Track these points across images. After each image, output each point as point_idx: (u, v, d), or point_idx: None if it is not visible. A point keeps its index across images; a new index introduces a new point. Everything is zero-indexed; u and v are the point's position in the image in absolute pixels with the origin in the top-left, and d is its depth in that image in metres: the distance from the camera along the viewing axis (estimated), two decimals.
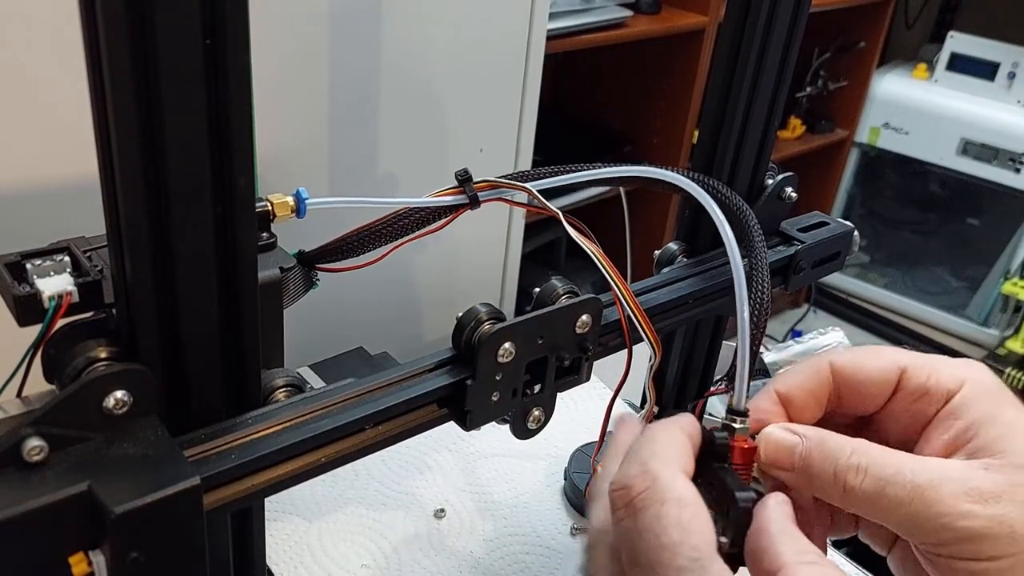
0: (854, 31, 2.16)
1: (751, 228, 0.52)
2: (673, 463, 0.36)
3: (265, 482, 0.40)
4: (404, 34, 0.80)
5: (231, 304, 0.39)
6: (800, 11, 0.59)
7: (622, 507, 0.35)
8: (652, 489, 0.35)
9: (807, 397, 0.42)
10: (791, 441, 0.39)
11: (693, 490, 0.35)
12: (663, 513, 0.34)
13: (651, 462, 0.36)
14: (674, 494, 0.34)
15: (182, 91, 0.33)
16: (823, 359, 0.43)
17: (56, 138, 0.64)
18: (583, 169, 0.53)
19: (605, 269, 0.48)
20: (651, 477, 0.35)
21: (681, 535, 0.33)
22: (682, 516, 0.34)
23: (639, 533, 0.34)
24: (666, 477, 0.35)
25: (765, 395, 0.43)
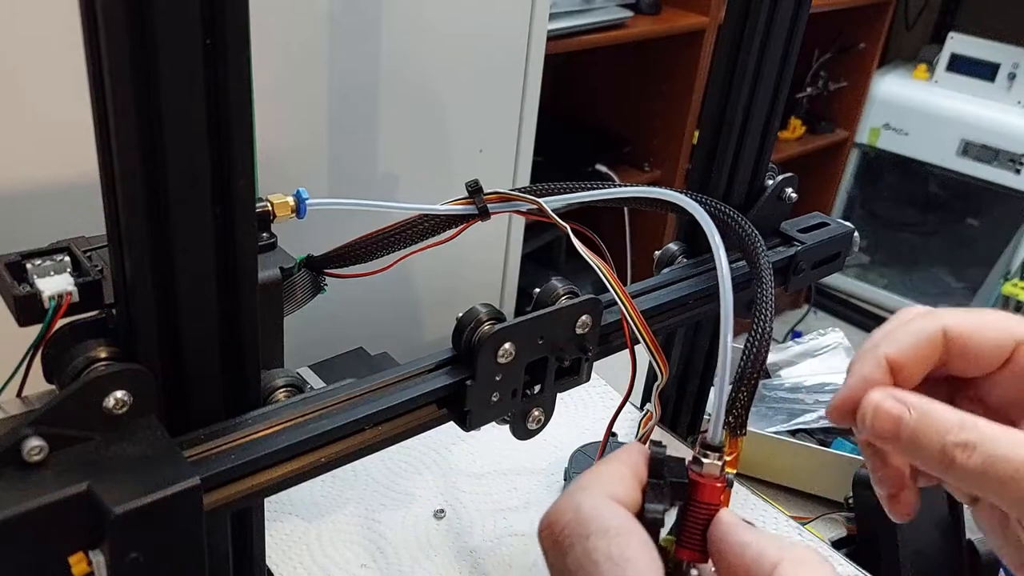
0: (854, 32, 2.16)
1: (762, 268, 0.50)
2: (598, 492, 0.33)
3: (265, 482, 0.40)
4: (404, 34, 0.80)
5: (231, 304, 0.39)
6: (800, 12, 0.59)
7: (550, 547, 0.33)
8: (575, 522, 0.32)
9: (916, 364, 0.39)
10: (897, 411, 0.36)
11: (621, 516, 0.32)
12: (590, 548, 0.31)
13: (576, 493, 0.33)
14: (599, 524, 0.32)
15: (182, 91, 0.33)
16: (936, 322, 0.39)
17: (56, 138, 0.64)
18: (591, 188, 0.53)
19: (614, 290, 0.47)
20: (573, 508, 0.32)
21: (614, 569, 0.30)
22: (611, 549, 0.31)
23: (571, 574, 0.32)
24: (589, 507, 0.32)
25: (872, 360, 0.39)
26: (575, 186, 0.53)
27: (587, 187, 0.53)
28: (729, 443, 0.39)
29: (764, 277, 0.49)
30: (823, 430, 0.86)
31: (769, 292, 0.48)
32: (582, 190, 0.53)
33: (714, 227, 0.40)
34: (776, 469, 0.83)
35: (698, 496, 0.35)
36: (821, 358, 0.97)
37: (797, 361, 0.96)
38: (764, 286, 0.48)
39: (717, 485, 0.35)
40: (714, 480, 0.35)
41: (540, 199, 0.51)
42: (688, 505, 0.35)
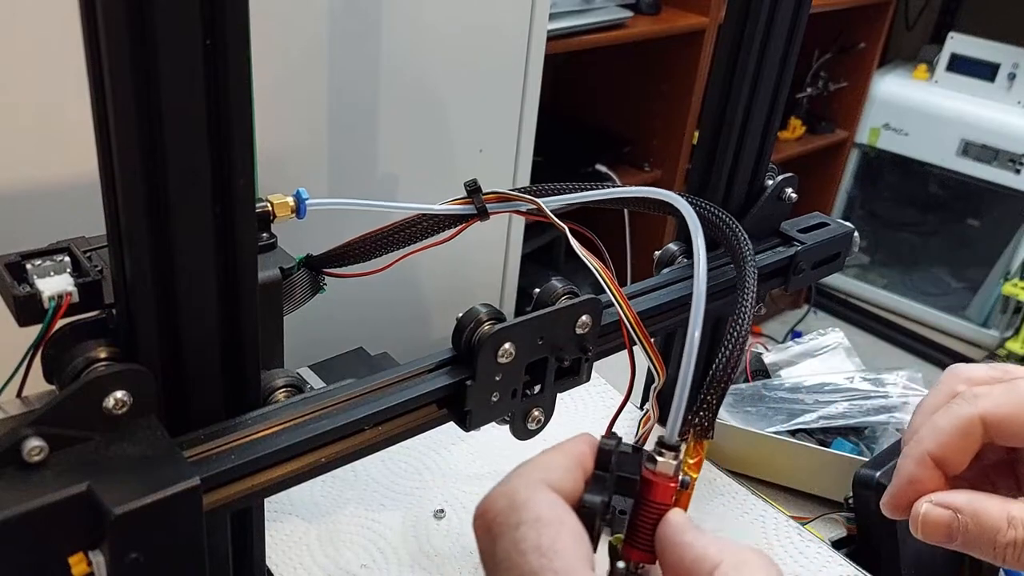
0: (854, 32, 2.16)
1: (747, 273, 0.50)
2: (535, 480, 0.32)
3: (265, 482, 0.40)
4: (404, 34, 0.80)
5: (231, 304, 0.39)
6: (800, 12, 0.59)
7: (482, 535, 0.32)
8: (507, 510, 0.31)
9: (958, 455, 0.41)
10: (947, 518, 0.39)
11: (554, 505, 0.31)
12: (519, 537, 0.30)
13: (513, 480, 0.32)
14: (531, 514, 0.30)
15: (182, 91, 0.33)
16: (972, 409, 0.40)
17: (56, 138, 0.64)
18: (588, 189, 0.53)
19: (611, 292, 0.47)
20: (507, 496, 0.32)
21: (540, 561, 0.29)
22: (541, 540, 0.30)
23: (498, 564, 0.30)
24: (523, 495, 0.31)
25: (918, 460, 0.41)
26: (573, 186, 0.53)
27: (584, 187, 0.53)
28: (693, 446, 0.38)
29: (747, 283, 0.48)
30: (823, 430, 0.86)
31: (750, 298, 0.47)
32: (580, 190, 0.53)
33: (699, 226, 0.39)
34: (776, 469, 0.83)
35: (649, 495, 0.34)
36: (821, 358, 0.97)
37: (797, 361, 0.96)
38: (746, 291, 0.48)
39: (670, 485, 0.34)
40: (667, 480, 0.34)
41: (539, 199, 0.51)
42: (639, 504, 0.34)
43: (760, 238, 0.64)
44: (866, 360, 0.98)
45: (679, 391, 0.34)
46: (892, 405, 0.86)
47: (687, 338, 0.35)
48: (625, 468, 0.34)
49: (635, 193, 0.52)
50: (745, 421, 0.86)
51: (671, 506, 0.34)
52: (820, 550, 0.70)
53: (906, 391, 0.88)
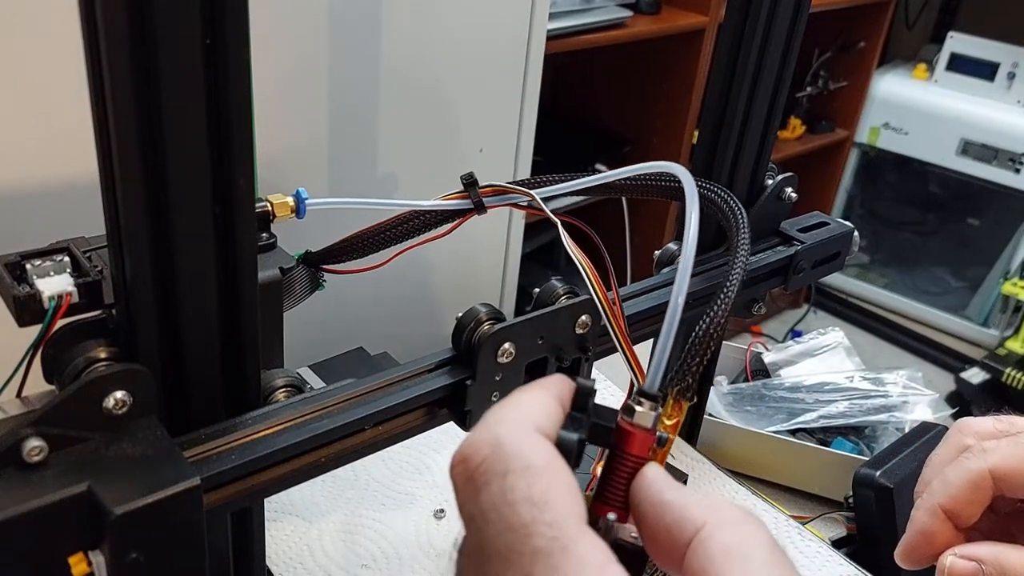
0: (854, 31, 2.16)
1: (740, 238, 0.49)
2: (523, 424, 0.29)
3: (265, 482, 0.40)
4: (404, 34, 0.80)
5: (231, 304, 0.39)
6: (800, 11, 0.59)
7: (462, 485, 0.29)
8: (493, 456, 0.28)
9: (969, 507, 0.42)
10: (972, 570, 0.40)
11: (547, 453, 0.29)
12: (508, 486, 0.27)
13: (496, 425, 0.29)
14: (520, 462, 0.28)
15: (182, 91, 0.33)
16: (981, 463, 0.42)
17: (56, 138, 0.64)
18: (582, 177, 0.53)
19: (593, 288, 0.47)
20: (492, 443, 0.29)
21: (532, 512, 0.27)
22: (532, 490, 0.27)
23: (483, 515, 0.28)
24: (511, 441, 0.28)
25: (930, 512, 0.43)
26: (568, 177, 0.53)
27: (579, 177, 0.53)
28: (672, 406, 0.36)
29: (740, 251, 0.47)
30: (823, 430, 0.86)
31: (741, 263, 0.46)
32: (571, 179, 0.53)
33: (695, 191, 0.37)
34: (776, 469, 0.83)
35: (625, 446, 0.32)
36: (821, 357, 0.97)
37: (797, 360, 0.96)
38: (738, 256, 0.47)
39: (647, 437, 0.32)
40: (644, 431, 0.32)
41: (533, 191, 0.51)
42: (613, 457, 0.32)
43: (760, 237, 0.64)
44: (866, 359, 0.98)
45: (661, 342, 0.32)
46: (892, 404, 0.86)
47: (671, 298, 0.33)
48: (601, 416, 0.32)
49: (628, 173, 0.51)
50: (745, 421, 0.86)
51: (646, 459, 0.32)
52: (820, 550, 0.70)
53: (906, 390, 0.88)
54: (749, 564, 0.28)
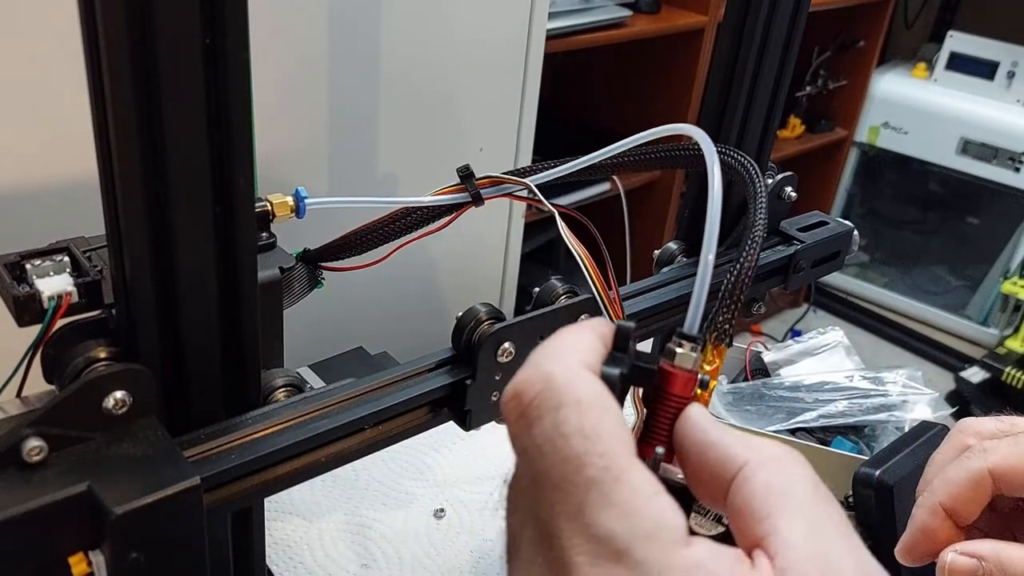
0: (854, 30, 2.16)
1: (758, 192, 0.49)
2: (572, 360, 0.30)
3: (265, 482, 0.40)
4: (404, 34, 0.80)
5: (231, 304, 0.39)
6: (800, 10, 0.59)
7: (515, 420, 0.30)
8: (546, 392, 0.29)
9: (969, 505, 0.43)
10: (972, 566, 0.41)
11: (597, 388, 0.29)
12: (560, 420, 0.28)
13: (545, 362, 0.30)
14: (572, 396, 0.29)
15: (182, 91, 0.33)
16: (981, 463, 0.43)
17: (56, 138, 0.64)
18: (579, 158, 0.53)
19: (591, 277, 0.47)
20: (544, 379, 0.29)
21: (584, 444, 0.28)
22: (584, 423, 0.28)
23: (538, 448, 0.29)
24: (562, 377, 0.29)
25: (930, 510, 0.43)
26: (565, 161, 0.53)
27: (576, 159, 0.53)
28: (711, 351, 0.37)
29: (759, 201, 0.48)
30: (823, 429, 0.86)
31: (761, 220, 0.46)
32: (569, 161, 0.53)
33: (714, 151, 0.38)
34: None
35: (667, 387, 0.32)
36: (821, 357, 0.97)
37: (797, 360, 0.96)
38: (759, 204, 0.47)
39: (690, 377, 0.32)
40: (686, 372, 0.32)
41: (531, 179, 0.51)
42: (656, 398, 0.32)
43: None
44: (866, 359, 0.98)
45: (698, 285, 0.33)
46: (892, 403, 0.86)
47: (703, 248, 0.34)
48: (643, 359, 0.33)
49: (630, 143, 0.51)
50: (745, 420, 0.86)
51: (690, 399, 0.32)
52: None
53: (905, 389, 0.88)
54: (791, 500, 0.28)
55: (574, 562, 0.27)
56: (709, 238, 0.34)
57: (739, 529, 0.29)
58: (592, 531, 0.27)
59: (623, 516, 0.27)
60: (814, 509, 0.28)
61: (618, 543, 0.26)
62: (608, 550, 0.26)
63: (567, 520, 0.27)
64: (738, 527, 0.29)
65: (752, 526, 0.28)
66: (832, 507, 0.29)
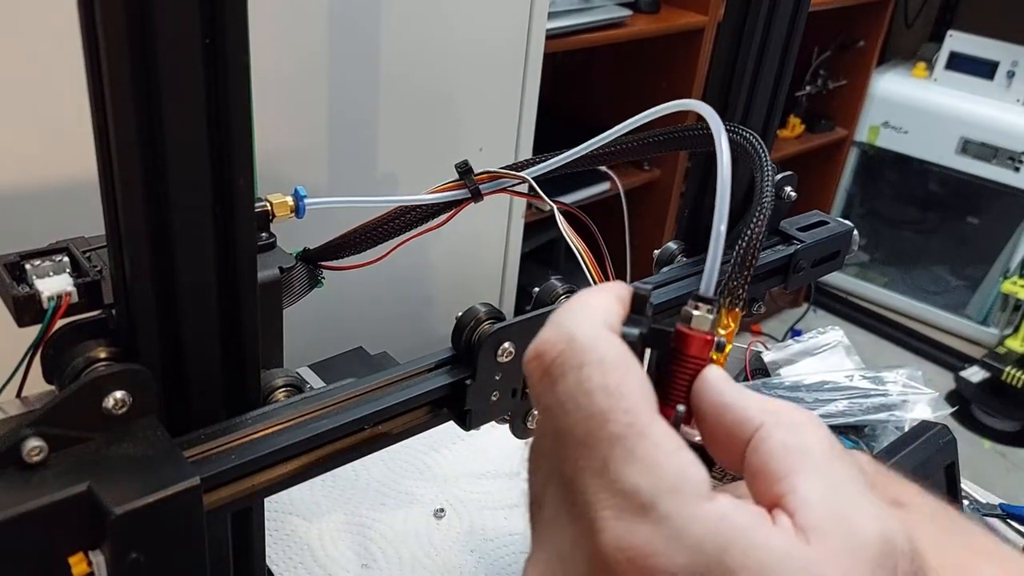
0: (853, 30, 2.16)
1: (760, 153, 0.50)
2: (593, 320, 0.31)
3: (265, 482, 0.40)
4: (404, 34, 0.80)
5: (230, 304, 0.39)
6: (800, 10, 0.59)
7: (538, 379, 0.30)
8: (568, 351, 0.29)
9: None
10: None
11: (619, 347, 0.30)
12: (583, 377, 0.29)
13: (567, 322, 0.30)
14: (595, 355, 0.29)
15: (182, 91, 0.33)
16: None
17: (56, 138, 0.64)
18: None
19: (589, 272, 0.47)
20: (566, 338, 0.30)
21: (608, 401, 0.28)
22: (608, 380, 0.28)
23: (561, 406, 0.29)
24: (584, 336, 0.30)
25: None
26: (562, 151, 0.53)
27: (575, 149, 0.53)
28: (726, 315, 0.38)
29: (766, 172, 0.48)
30: None
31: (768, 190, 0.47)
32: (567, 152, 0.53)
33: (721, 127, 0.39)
34: None
35: (685, 349, 0.32)
36: (821, 356, 0.97)
37: (797, 359, 0.96)
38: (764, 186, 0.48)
39: (707, 338, 0.32)
40: (703, 334, 0.32)
41: (528, 171, 0.51)
42: (674, 360, 0.33)
43: None
44: (866, 358, 0.98)
45: (712, 249, 0.34)
46: (892, 403, 0.86)
47: (716, 210, 0.35)
48: (659, 322, 0.33)
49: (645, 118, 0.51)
50: None
51: (707, 361, 0.32)
52: None
53: (906, 389, 0.88)
54: (808, 459, 0.28)
55: (599, 516, 0.27)
56: (721, 205, 0.34)
57: (758, 489, 0.29)
58: (617, 486, 0.27)
59: (647, 470, 0.27)
60: (831, 467, 0.28)
61: (643, 497, 0.27)
62: (633, 504, 0.27)
63: (592, 476, 0.28)
64: (756, 487, 0.29)
65: (770, 486, 0.28)
66: (849, 465, 0.29)
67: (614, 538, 0.27)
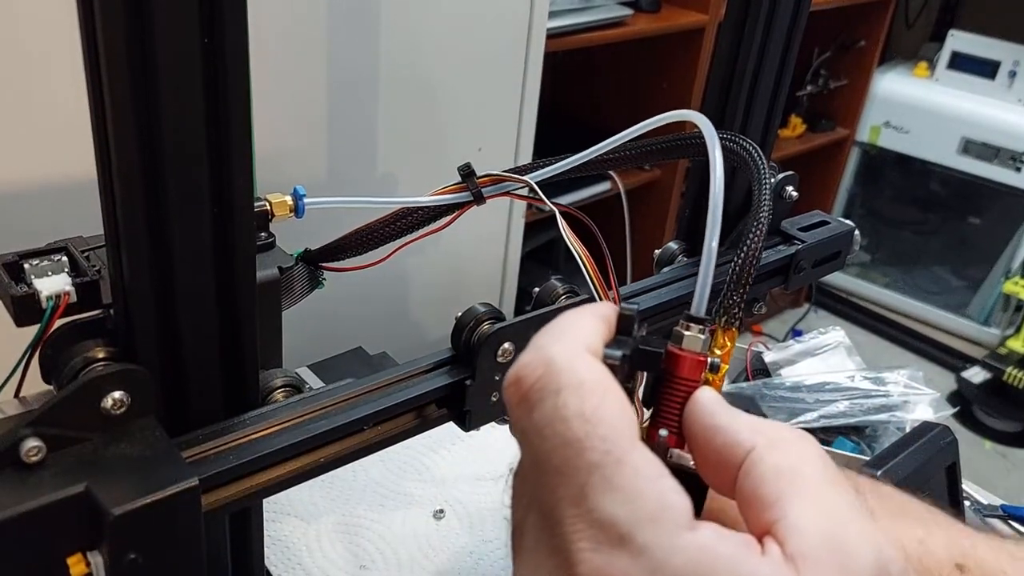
0: (854, 30, 2.16)
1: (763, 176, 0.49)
2: (573, 344, 0.29)
3: (263, 483, 0.40)
4: (403, 34, 0.80)
5: (229, 304, 0.39)
6: (800, 10, 0.59)
7: (516, 405, 0.29)
8: (546, 376, 0.28)
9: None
10: None
11: (598, 371, 0.29)
12: (560, 403, 0.28)
13: (546, 346, 0.29)
14: (573, 379, 0.28)
15: (180, 91, 0.33)
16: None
17: (56, 138, 0.64)
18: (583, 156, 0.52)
19: (590, 277, 0.47)
20: (544, 362, 0.29)
21: (585, 427, 0.27)
22: (585, 406, 0.27)
23: (538, 432, 0.28)
24: (562, 360, 0.29)
25: None
26: (564, 157, 0.53)
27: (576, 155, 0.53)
28: (722, 335, 0.37)
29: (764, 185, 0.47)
30: (824, 429, 0.86)
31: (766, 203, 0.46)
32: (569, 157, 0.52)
33: (715, 136, 0.38)
34: None
35: (676, 370, 0.31)
36: (822, 357, 0.97)
37: (798, 360, 0.96)
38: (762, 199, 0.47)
39: (698, 360, 0.31)
40: (694, 355, 0.31)
41: (531, 175, 0.51)
42: (666, 382, 0.32)
43: None
44: (867, 359, 0.98)
45: (703, 269, 0.33)
46: (893, 404, 0.86)
47: (707, 231, 0.34)
48: (649, 343, 0.32)
49: (641, 129, 0.51)
50: None
51: (699, 383, 0.31)
52: None
53: (907, 390, 0.88)
54: (800, 483, 0.28)
55: (577, 548, 0.26)
56: (712, 223, 0.34)
57: (749, 516, 0.28)
58: (594, 515, 0.26)
59: (625, 500, 0.26)
60: (823, 491, 0.28)
61: (620, 528, 0.26)
62: (611, 535, 0.26)
63: (569, 505, 0.27)
64: (748, 514, 0.28)
65: (761, 512, 0.27)
66: (842, 487, 0.28)
67: (591, 570, 0.26)
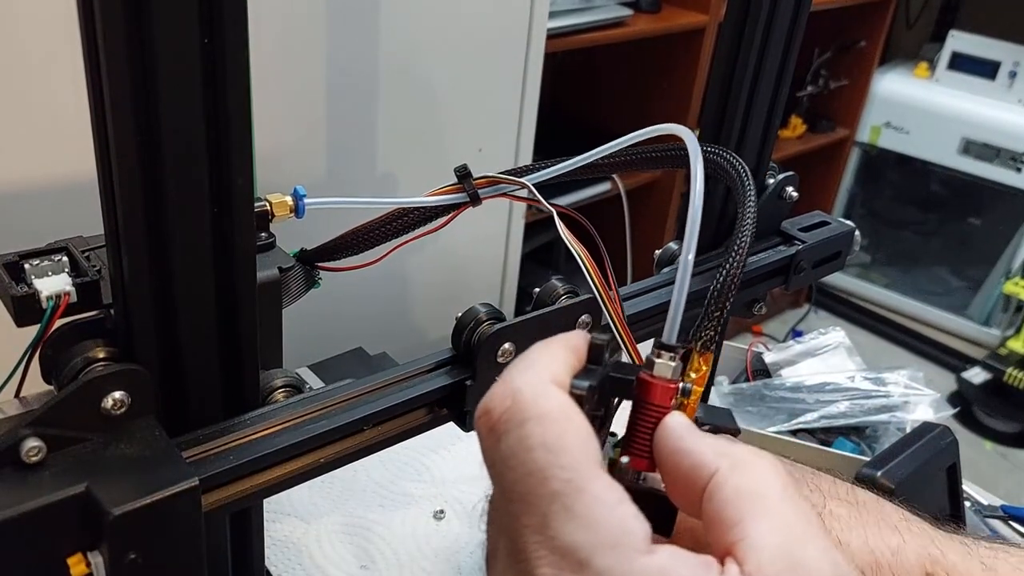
0: (855, 30, 2.16)
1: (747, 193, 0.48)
2: (539, 376, 0.30)
3: (263, 483, 0.40)
4: (403, 34, 0.80)
5: (229, 304, 0.39)
6: (800, 10, 0.59)
7: (485, 436, 0.30)
8: (512, 408, 0.29)
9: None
10: None
11: (562, 402, 0.30)
12: (524, 434, 0.29)
13: (515, 378, 0.30)
14: (536, 411, 0.29)
15: (180, 91, 0.33)
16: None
17: (55, 138, 0.64)
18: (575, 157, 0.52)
19: (591, 277, 0.47)
20: (511, 395, 0.30)
21: (547, 457, 0.28)
22: (547, 435, 0.28)
23: (504, 462, 0.29)
24: (528, 392, 0.30)
25: None
26: (560, 160, 0.53)
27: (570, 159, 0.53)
28: (698, 358, 0.37)
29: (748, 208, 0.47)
30: (824, 430, 0.86)
31: (750, 216, 0.45)
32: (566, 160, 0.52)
33: (699, 152, 0.38)
34: None
35: (646, 397, 0.32)
36: (822, 357, 0.97)
37: (798, 360, 0.96)
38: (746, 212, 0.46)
39: (669, 387, 0.32)
40: (665, 382, 0.32)
41: (528, 178, 0.51)
42: (637, 408, 0.32)
43: (761, 237, 0.64)
44: (867, 359, 0.98)
45: (675, 295, 0.33)
46: (893, 404, 0.86)
47: (680, 261, 0.34)
48: (623, 370, 0.33)
49: (628, 141, 0.51)
50: (746, 421, 0.86)
51: (670, 409, 0.32)
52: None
53: (907, 390, 0.88)
54: (760, 503, 0.28)
55: (539, 573, 0.27)
56: (689, 239, 0.34)
57: (713, 538, 0.29)
58: (556, 543, 0.27)
59: (585, 527, 0.27)
60: (782, 510, 0.28)
61: (580, 553, 0.27)
62: (571, 561, 0.27)
63: (532, 533, 0.28)
64: (712, 536, 0.29)
65: (724, 533, 0.28)
66: (801, 506, 0.29)
67: None
